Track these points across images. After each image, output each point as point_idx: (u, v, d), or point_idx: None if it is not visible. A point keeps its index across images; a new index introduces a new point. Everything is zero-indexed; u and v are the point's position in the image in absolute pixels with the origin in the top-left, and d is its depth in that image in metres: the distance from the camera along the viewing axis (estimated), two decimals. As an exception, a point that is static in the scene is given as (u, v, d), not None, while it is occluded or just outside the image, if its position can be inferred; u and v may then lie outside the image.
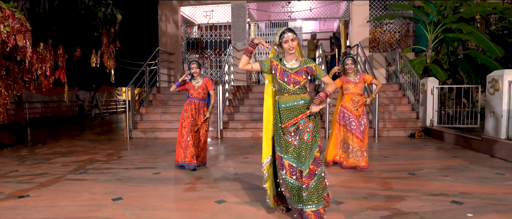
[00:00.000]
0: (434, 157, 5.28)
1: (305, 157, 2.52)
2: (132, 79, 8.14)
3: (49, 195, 3.53)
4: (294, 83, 2.60)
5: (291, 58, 2.66)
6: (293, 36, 2.60)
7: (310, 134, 2.56)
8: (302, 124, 2.57)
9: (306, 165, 2.51)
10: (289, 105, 2.62)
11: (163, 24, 11.24)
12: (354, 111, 4.49)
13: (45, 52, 6.59)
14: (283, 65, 2.65)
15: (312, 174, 2.51)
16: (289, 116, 2.60)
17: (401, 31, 10.35)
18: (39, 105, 13.35)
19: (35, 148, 6.80)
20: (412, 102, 8.33)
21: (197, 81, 4.60)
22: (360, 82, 4.54)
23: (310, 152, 2.53)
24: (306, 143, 2.54)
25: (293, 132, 2.60)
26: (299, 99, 2.61)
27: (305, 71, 2.64)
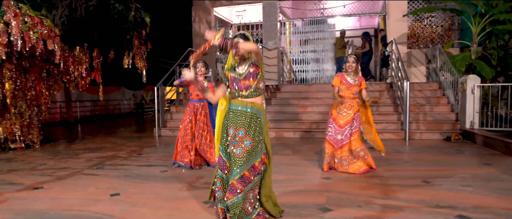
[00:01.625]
0: (462, 164, 4.78)
1: (231, 171, 2.49)
2: (162, 79, 8.48)
3: (59, 188, 3.80)
4: (245, 88, 2.59)
5: (241, 62, 2.63)
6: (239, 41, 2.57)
7: (242, 150, 2.48)
8: (239, 135, 2.51)
9: (229, 180, 2.49)
10: (238, 109, 2.58)
11: (196, 25, 11.56)
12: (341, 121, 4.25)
13: (81, 55, 7.12)
14: (233, 72, 2.64)
15: (234, 190, 2.45)
16: (234, 120, 2.57)
17: (444, 25, 9.51)
18: (89, 103, 14.52)
19: (72, 143, 7.39)
20: (452, 103, 7.61)
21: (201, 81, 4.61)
22: (356, 85, 4.26)
23: (237, 168, 2.46)
24: (235, 157, 2.48)
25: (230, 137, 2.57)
26: (248, 106, 2.56)
27: (251, 73, 2.57)
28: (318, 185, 3.78)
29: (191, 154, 4.54)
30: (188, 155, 4.55)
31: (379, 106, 7.97)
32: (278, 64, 10.90)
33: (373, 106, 7.93)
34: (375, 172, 4.27)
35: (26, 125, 6.64)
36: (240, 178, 2.45)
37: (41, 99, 6.78)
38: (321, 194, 3.41)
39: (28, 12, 4.91)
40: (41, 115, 6.97)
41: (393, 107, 7.91)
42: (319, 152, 4.75)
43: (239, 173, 2.45)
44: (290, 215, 2.82)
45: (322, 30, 11.22)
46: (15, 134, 6.46)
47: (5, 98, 6.09)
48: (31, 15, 4.89)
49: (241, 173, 2.46)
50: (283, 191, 3.49)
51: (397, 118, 7.54)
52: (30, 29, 4.89)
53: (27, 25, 4.87)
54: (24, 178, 4.26)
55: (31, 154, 6.09)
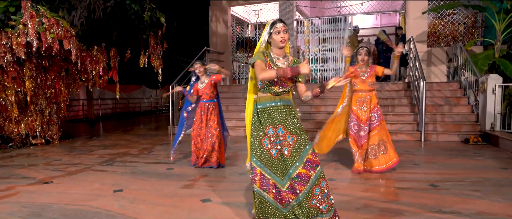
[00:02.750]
0: (477, 167, 4.56)
1: (283, 173, 2.33)
2: (176, 78, 8.62)
3: (68, 183, 3.95)
4: (280, 85, 2.37)
5: (280, 53, 2.41)
6: (286, 27, 2.35)
7: (289, 149, 2.32)
8: (280, 134, 2.35)
9: (285, 181, 2.33)
10: (267, 106, 2.39)
11: (213, 24, 11.66)
12: (363, 115, 4.16)
13: (98, 55, 7.36)
14: (272, 62, 2.39)
15: (294, 190, 2.31)
16: (267, 118, 2.38)
17: (467, 22, 9.10)
18: (110, 101, 14.99)
19: (89, 140, 7.66)
20: (473, 103, 7.28)
21: (202, 81, 4.60)
22: (370, 76, 4.17)
23: (289, 168, 2.32)
24: (284, 157, 2.32)
25: (273, 138, 2.37)
26: (277, 100, 2.37)
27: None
28: (320, 186, 3.71)
29: (202, 154, 4.58)
30: (199, 154, 4.59)
31: (395, 106, 7.74)
32: (293, 63, 10.82)
33: (388, 105, 7.72)
34: (380, 175, 4.16)
35: (46, 121, 6.94)
36: (297, 177, 2.31)
37: (60, 97, 7.07)
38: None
39: (45, 14, 5.13)
40: (61, 113, 7.26)
41: (410, 107, 7.66)
42: (328, 153, 4.66)
43: (294, 172, 2.31)
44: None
45: (340, 28, 11.04)
46: (36, 130, 6.77)
47: (26, 95, 6.39)
48: (48, 17, 5.11)
49: (297, 172, 2.31)
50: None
51: (413, 119, 7.30)
52: (46, 30, 5.10)
53: (43, 26, 5.10)
54: (38, 173, 4.46)
55: (50, 149, 6.37)
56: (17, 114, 6.21)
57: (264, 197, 2.37)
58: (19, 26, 5.11)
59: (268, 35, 2.42)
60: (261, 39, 2.48)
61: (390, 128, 7.17)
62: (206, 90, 4.57)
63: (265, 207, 2.38)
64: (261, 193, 2.37)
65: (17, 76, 6.06)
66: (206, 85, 4.57)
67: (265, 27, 2.43)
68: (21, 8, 5.23)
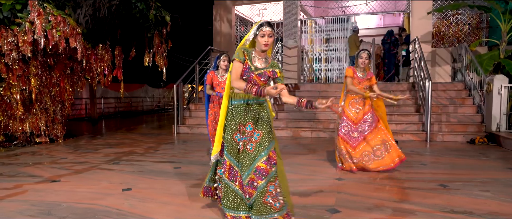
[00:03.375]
0: (484, 168, 4.54)
1: (245, 166, 2.41)
2: (181, 77, 8.61)
3: (75, 181, 3.94)
4: (253, 84, 2.43)
5: (262, 55, 2.50)
6: (271, 31, 2.42)
7: (254, 144, 2.42)
8: (248, 130, 2.45)
9: (246, 175, 2.40)
10: (241, 103, 2.50)
11: (217, 23, 11.65)
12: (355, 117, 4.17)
13: (103, 53, 7.34)
14: (250, 61, 2.47)
15: (253, 185, 2.38)
16: (239, 115, 2.49)
17: (472, 23, 9.07)
18: (113, 100, 14.99)
19: (93, 139, 7.65)
20: (478, 104, 7.26)
21: (222, 75, 4.59)
22: (366, 80, 4.18)
23: (251, 162, 2.39)
24: (248, 152, 2.42)
25: (240, 133, 2.49)
26: (251, 99, 2.47)
27: (268, 75, 2.50)
28: (330, 186, 3.71)
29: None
30: None
31: (400, 106, 7.73)
32: (298, 63, 10.82)
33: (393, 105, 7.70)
34: (391, 171, 4.15)
35: (50, 120, 6.93)
36: (256, 170, 2.38)
37: (65, 95, 7.05)
38: (331, 195, 3.35)
39: (51, 12, 5.12)
40: (65, 111, 7.25)
41: (415, 108, 7.65)
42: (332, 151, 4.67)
43: (254, 166, 2.38)
44: (298, 216, 2.76)
45: (344, 28, 11.03)
46: (40, 129, 6.75)
47: (31, 94, 6.38)
48: (55, 14, 5.09)
49: (256, 166, 2.38)
50: (294, 191, 3.44)
51: (418, 119, 7.28)
52: (53, 27, 5.09)
53: (50, 24, 5.09)
54: (44, 171, 4.44)
55: (54, 148, 6.35)
56: (22, 112, 6.20)
57: (232, 187, 2.48)
58: (26, 23, 5.10)
59: (254, 35, 2.48)
60: (246, 37, 2.55)
61: (395, 128, 7.16)
62: (223, 84, 4.54)
63: (234, 198, 2.48)
64: (229, 183, 2.49)
65: (22, 74, 6.05)
66: (225, 80, 4.54)
67: (253, 27, 2.49)
68: (27, 6, 5.22)
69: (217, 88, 4.57)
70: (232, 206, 2.46)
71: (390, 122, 7.27)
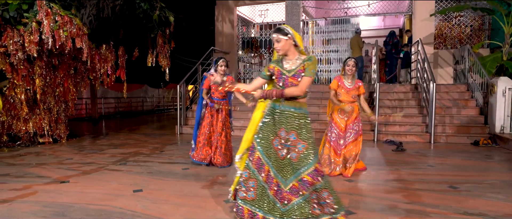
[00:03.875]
0: (492, 169, 4.57)
1: (289, 173, 2.41)
2: (184, 77, 8.59)
3: (84, 182, 3.92)
4: (291, 86, 2.44)
5: (289, 57, 2.50)
6: (278, 37, 2.43)
7: (297, 155, 2.40)
8: (292, 139, 2.43)
9: (289, 181, 2.40)
10: (284, 109, 2.48)
11: (219, 24, 11.64)
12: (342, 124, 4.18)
13: (107, 53, 7.31)
14: (281, 67, 2.51)
15: (296, 192, 2.39)
16: (284, 122, 2.47)
17: (474, 25, 9.13)
18: (113, 100, 14.93)
19: (97, 139, 7.61)
20: (481, 105, 7.30)
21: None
22: (354, 89, 4.16)
23: (296, 171, 2.40)
24: (290, 161, 2.42)
25: (283, 140, 2.47)
26: (296, 107, 2.46)
27: (302, 71, 2.45)
28: (341, 187, 3.71)
29: (211, 151, 4.57)
30: (209, 151, 4.58)
31: (403, 108, 7.76)
32: (299, 63, 10.81)
33: (396, 107, 7.73)
34: (398, 176, 4.16)
35: (54, 120, 6.89)
36: (301, 180, 2.38)
37: (69, 95, 7.02)
38: (344, 196, 3.35)
39: (58, 12, 5.10)
40: (68, 111, 7.22)
41: (418, 109, 7.68)
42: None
43: (299, 176, 2.39)
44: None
45: (345, 29, 11.06)
46: (44, 129, 6.71)
47: (35, 94, 6.34)
48: (61, 14, 5.07)
49: (301, 176, 2.38)
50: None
51: (422, 121, 7.31)
52: (60, 27, 5.07)
53: (57, 24, 5.06)
54: (52, 172, 4.42)
55: (58, 148, 6.32)
56: (26, 112, 6.16)
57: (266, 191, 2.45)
58: (32, 23, 5.07)
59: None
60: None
61: (399, 130, 7.20)
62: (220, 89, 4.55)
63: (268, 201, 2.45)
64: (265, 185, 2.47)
65: (27, 74, 6.01)
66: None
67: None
68: (33, 6, 5.19)
69: (216, 93, 4.57)
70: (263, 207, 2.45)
71: (394, 124, 7.31)
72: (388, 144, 6.54)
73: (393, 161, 5.06)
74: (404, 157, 5.37)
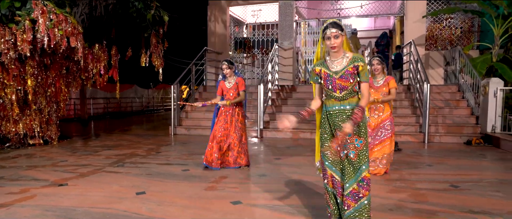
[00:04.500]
0: (488, 168, 4.67)
1: (349, 176, 2.33)
2: (178, 78, 8.50)
3: (83, 185, 3.82)
4: (340, 89, 2.33)
5: (336, 55, 2.35)
6: (337, 32, 2.26)
7: (356, 152, 2.32)
8: (348, 137, 2.33)
9: (350, 184, 2.32)
10: (335, 109, 2.37)
11: (212, 24, 11.56)
12: (373, 122, 4.19)
13: (99, 53, 7.16)
14: (327, 68, 2.37)
15: (356, 196, 2.31)
16: (336, 120, 2.37)
17: (464, 27, 9.34)
18: (102, 101, 14.65)
19: (89, 140, 7.44)
20: (472, 106, 7.47)
21: (229, 81, 4.52)
22: (383, 85, 4.19)
23: (355, 172, 2.32)
24: (351, 161, 2.33)
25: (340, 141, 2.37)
26: (346, 104, 2.35)
27: (351, 73, 2.31)
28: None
29: (221, 154, 4.50)
30: (220, 156, 4.50)
31: (397, 108, 7.86)
32: (293, 64, 10.86)
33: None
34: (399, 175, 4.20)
35: (45, 121, 6.70)
36: (362, 180, 2.31)
37: (60, 96, 6.84)
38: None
39: (53, 10, 4.95)
40: (60, 112, 7.03)
41: (411, 109, 7.80)
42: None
43: (360, 176, 2.32)
44: (324, 217, 2.75)
45: (337, 30, 11.10)
46: (34, 130, 6.52)
47: (26, 94, 6.16)
48: (57, 13, 4.93)
49: (362, 176, 2.32)
50: (313, 193, 3.46)
51: (415, 121, 7.43)
52: (55, 26, 4.92)
53: (52, 22, 4.91)
54: (48, 174, 4.29)
55: (50, 150, 6.15)
56: (16, 113, 5.97)
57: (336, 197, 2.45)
58: (25, 21, 4.91)
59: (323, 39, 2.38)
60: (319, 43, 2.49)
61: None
62: (231, 91, 4.48)
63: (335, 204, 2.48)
64: (333, 191, 2.45)
65: (18, 74, 5.83)
66: (232, 86, 4.48)
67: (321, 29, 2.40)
68: (26, 3, 5.03)
69: (227, 95, 4.51)
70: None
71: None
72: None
73: (392, 161, 5.10)
74: (402, 157, 5.43)
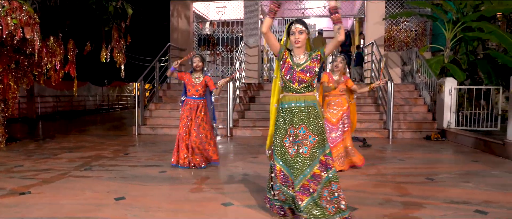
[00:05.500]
0: (453, 161, 5.02)
1: (298, 172, 2.34)
2: (142, 75, 8.06)
3: (51, 192, 3.43)
4: (299, 82, 2.44)
5: (299, 52, 2.48)
6: (301, 28, 2.43)
7: (308, 148, 2.36)
8: (301, 133, 2.39)
9: (298, 180, 2.34)
10: (292, 106, 2.45)
11: (174, 19, 11.15)
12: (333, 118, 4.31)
13: (55, 46, 6.53)
14: (291, 60, 2.47)
15: (307, 190, 2.34)
16: (291, 118, 2.44)
17: (418, 30, 10.01)
18: (51, 99, 13.48)
19: (43, 142, 6.77)
20: (428, 103, 8.02)
21: (197, 76, 4.37)
22: (343, 83, 4.34)
23: (306, 168, 2.34)
24: (302, 156, 2.35)
25: (292, 137, 2.42)
26: (301, 101, 2.44)
27: (310, 68, 2.44)
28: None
29: (189, 152, 4.32)
30: (188, 155, 4.32)
31: (361, 105, 8.19)
32: (258, 62, 10.85)
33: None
34: (377, 170, 4.35)
35: (-10, 122, 5.97)
36: (311, 177, 2.33)
37: (9, 93, 6.13)
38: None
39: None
40: (8, 111, 6.31)
41: (375, 107, 8.17)
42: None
43: (310, 172, 2.33)
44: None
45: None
46: (-22, 132, 5.78)
47: (-32, 91, 5.42)
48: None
49: (311, 172, 2.34)
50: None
51: (379, 118, 7.79)
52: (7, 14, 4.37)
53: (4, 9, 4.35)
54: (4, 182, 3.79)
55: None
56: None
57: (286, 192, 2.47)
58: (-29, 8, 4.30)
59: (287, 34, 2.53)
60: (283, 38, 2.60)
61: (359, 127, 7.56)
62: (197, 87, 4.34)
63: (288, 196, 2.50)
64: (283, 189, 2.48)
65: (-41, 68, 5.11)
66: (200, 82, 4.34)
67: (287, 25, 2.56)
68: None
69: (192, 90, 4.35)
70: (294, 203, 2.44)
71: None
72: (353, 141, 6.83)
73: (365, 157, 5.26)
74: (373, 152, 5.65)
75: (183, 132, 4.35)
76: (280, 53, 2.49)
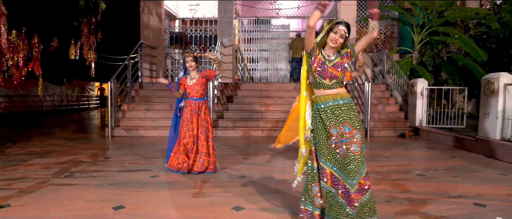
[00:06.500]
0: (434, 158, 5.28)
1: (354, 172, 2.27)
2: (114, 74, 7.59)
3: (34, 203, 3.08)
4: (330, 77, 2.38)
5: (330, 50, 2.43)
6: (346, 34, 2.37)
7: (358, 145, 2.30)
8: (347, 131, 2.31)
9: (355, 180, 2.27)
10: (330, 105, 2.37)
11: (145, 16, 10.67)
12: None
13: (18, 41, 5.97)
14: (322, 56, 2.42)
15: (362, 189, 2.30)
16: (331, 117, 2.35)
17: (386, 33, 10.47)
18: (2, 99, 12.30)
19: (4, 147, 6.12)
20: (400, 103, 8.40)
21: (192, 77, 4.17)
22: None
23: (360, 166, 2.28)
24: (354, 155, 2.28)
25: (337, 137, 2.33)
26: (338, 99, 2.37)
27: (341, 64, 2.38)
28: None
29: (190, 158, 4.10)
30: (187, 159, 4.10)
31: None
32: (232, 61, 10.73)
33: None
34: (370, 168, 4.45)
35: None
36: (366, 174, 2.30)
37: (-35, 94, 5.48)
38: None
39: (-32, -17, 3.89)
40: (-36, 113, 5.64)
41: (351, 107, 8.39)
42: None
43: (365, 170, 2.29)
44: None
45: (268, 30, 11.33)
46: None
47: None
48: (-25, -13, 3.88)
49: (366, 169, 2.31)
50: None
51: (355, 117, 8.00)
52: (-28, 4, 3.88)
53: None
54: (-26, 193, 3.36)
55: (-44, 162, 4.86)
56: None
57: (335, 196, 2.35)
58: None
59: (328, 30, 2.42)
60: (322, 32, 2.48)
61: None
62: (196, 87, 4.14)
63: (338, 209, 2.33)
64: (331, 190, 2.36)
65: None
66: (196, 81, 4.14)
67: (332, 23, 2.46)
68: None
69: (192, 92, 4.16)
70: (337, 214, 2.31)
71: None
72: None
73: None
74: (358, 150, 5.78)
75: (184, 136, 4.11)
76: (313, 50, 2.44)
